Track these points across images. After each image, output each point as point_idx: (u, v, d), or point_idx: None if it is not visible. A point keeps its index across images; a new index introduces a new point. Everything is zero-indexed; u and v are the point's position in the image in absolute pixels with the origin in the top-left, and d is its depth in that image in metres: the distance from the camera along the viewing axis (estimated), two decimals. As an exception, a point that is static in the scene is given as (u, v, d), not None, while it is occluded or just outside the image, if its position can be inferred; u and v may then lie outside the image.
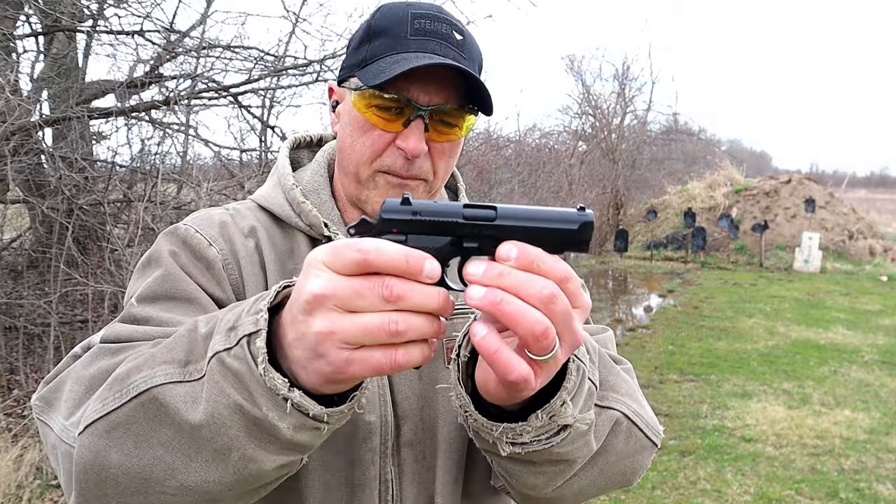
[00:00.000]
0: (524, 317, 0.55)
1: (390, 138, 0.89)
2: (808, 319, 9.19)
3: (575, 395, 0.69)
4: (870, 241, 15.12)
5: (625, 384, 0.87)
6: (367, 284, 0.55)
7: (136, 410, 0.66)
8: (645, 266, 14.61)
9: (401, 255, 0.55)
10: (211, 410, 0.63)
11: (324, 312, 0.56)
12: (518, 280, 0.56)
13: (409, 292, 0.55)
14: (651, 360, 7.07)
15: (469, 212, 0.59)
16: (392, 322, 0.55)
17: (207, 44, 5.59)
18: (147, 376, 0.67)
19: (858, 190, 48.75)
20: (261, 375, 0.60)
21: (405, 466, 0.91)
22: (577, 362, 0.70)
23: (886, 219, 24.05)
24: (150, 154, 5.83)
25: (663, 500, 4.06)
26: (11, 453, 3.75)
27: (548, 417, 0.68)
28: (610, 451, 0.83)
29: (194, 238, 0.91)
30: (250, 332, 0.62)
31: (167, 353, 0.68)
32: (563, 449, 0.72)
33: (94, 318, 5.14)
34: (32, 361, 4.98)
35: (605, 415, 0.82)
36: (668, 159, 21.03)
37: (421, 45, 0.86)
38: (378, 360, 0.56)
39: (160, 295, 0.84)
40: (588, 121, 19.34)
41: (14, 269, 5.57)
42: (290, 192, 0.96)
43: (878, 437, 5.05)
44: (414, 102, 0.86)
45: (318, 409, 0.61)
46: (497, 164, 11.16)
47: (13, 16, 5.36)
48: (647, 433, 0.88)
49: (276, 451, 0.64)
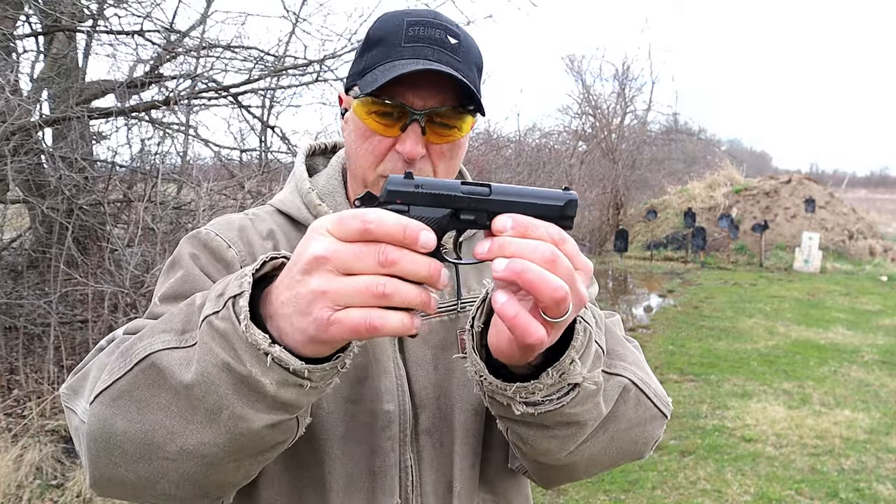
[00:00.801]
0: (546, 283, 0.60)
1: (390, 143, 0.93)
2: (808, 319, 9.19)
3: (583, 354, 0.73)
4: (870, 241, 15.12)
5: (631, 355, 0.91)
6: (366, 249, 0.59)
7: (137, 377, 0.72)
8: (645, 266, 14.61)
9: (399, 224, 0.59)
10: (201, 370, 0.67)
11: (322, 273, 0.60)
12: (521, 247, 0.61)
13: (401, 258, 0.59)
14: (651, 360, 7.04)
15: (466, 187, 0.64)
16: (380, 284, 0.59)
17: (207, 44, 5.59)
18: (147, 344, 0.72)
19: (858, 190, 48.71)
20: (243, 332, 0.64)
21: (424, 453, 0.95)
22: (584, 324, 0.73)
23: (886, 219, 24.05)
24: (150, 154, 5.84)
25: (663, 500, 4.06)
26: (11, 453, 3.75)
27: (558, 375, 0.72)
28: (620, 418, 0.86)
29: (214, 241, 0.96)
30: (235, 294, 0.66)
31: (166, 324, 0.74)
32: (574, 409, 0.76)
33: (94, 317, 5.14)
34: (32, 361, 4.98)
35: (613, 381, 0.85)
36: (668, 159, 21.01)
37: (414, 51, 0.90)
38: (355, 321, 0.59)
39: (180, 294, 0.89)
40: (588, 121, 19.35)
41: (14, 269, 5.57)
42: (307, 196, 1.01)
43: (878, 437, 5.05)
44: (408, 107, 0.90)
45: (297, 363, 0.64)
46: (497, 164, 11.16)
47: (13, 16, 5.36)
48: (656, 402, 0.92)
49: (263, 409, 0.67)
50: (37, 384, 4.68)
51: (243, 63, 5.69)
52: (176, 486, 0.75)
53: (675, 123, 21.70)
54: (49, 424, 4.27)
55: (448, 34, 0.92)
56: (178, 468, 0.73)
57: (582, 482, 4.20)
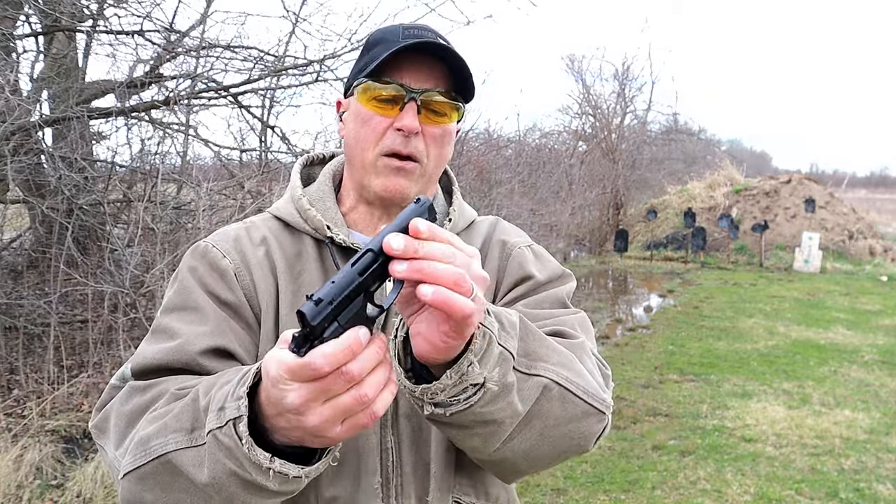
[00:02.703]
0: (443, 273, 0.69)
1: (389, 122, 1.02)
2: (808, 319, 9.19)
3: (482, 356, 0.79)
4: (870, 241, 15.12)
5: (557, 356, 0.93)
6: (330, 381, 0.66)
7: (157, 468, 0.84)
8: (645, 266, 14.61)
9: (345, 350, 0.66)
10: (212, 474, 0.79)
11: (310, 412, 0.68)
12: (432, 250, 0.70)
13: (362, 365, 0.67)
14: (651, 360, 7.07)
15: (359, 266, 0.69)
16: (363, 395, 0.68)
17: (207, 44, 5.59)
18: (162, 443, 0.84)
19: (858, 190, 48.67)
20: (246, 452, 0.75)
21: (403, 436, 1.02)
22: (483, 329, 0.79)
23: (886, 219, 24.05)
24: (150, 154, 5.84)
25: (663, 500, 4.06)
26: (11, 453, 3.75)
27: (457, 376, 0.78)
28: (545, 415, 0.90)
29: (211, 252, 1.07)
30: (234, 417, 0.76)
31: (176, 423, 0.85)
32: (486, 409, 0.82)
33: (94, 317, 5.14)
34: (32, 361, 4.98)
35: (532, 381, 0.88)
36: (668, 159, 21.01)
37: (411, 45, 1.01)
38: (362, 420, 0.70)
39: (177, 306, 1.02)
40: (588, 121, 19.36)
41: (14, 269, 5.57)
42: (299, 202, 1.10)
43: (878, 437, 5.05)
44: (406, 86, 1.00)
45: (297, 471, 0.76)
46: (497, 164, 11.16)
47: (13, 16, 5.36)
48: (586, 399, 0.93)
49: (269, 496, 0.80)
50: (37, 384, 4.68)
51: (243, 63, 5.70)
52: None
53: (675, 123, 21.72)
54: (49, 424, 4.27)
55: (440, 38, 1.03)
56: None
57: (582, 482, 4.20)
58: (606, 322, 9.17)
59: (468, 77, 1.03)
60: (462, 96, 1.05)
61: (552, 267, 1.16)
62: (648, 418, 5.37)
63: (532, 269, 1.12)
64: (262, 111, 6.25)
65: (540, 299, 1.09)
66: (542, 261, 1.16)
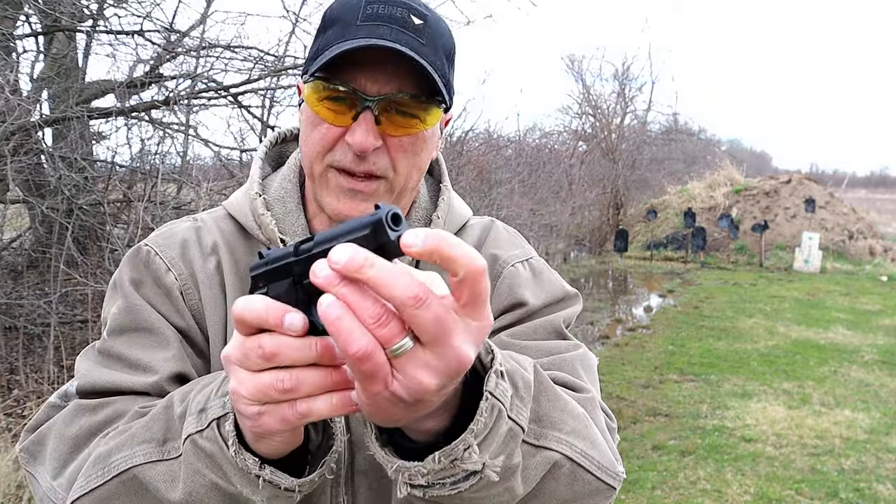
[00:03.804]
0: (357, 301, 0.49)
1: (340, 133, 0.83)
2: (808, 319, 9.19)
3: (485, 438, 0.61)
4: (870, 241, 15.12)
5: (573, 420, 0.74)
6: (248, 344, 0.55)
7: (118, 487, 0.71)
8: (645, 266, 14.61)
9: (262, 309, 0.54)
10: (189, 489, 0.67)
11: (233, 372, 0.57)
12: (376, 276, 0.49)
13: (280, 348, 0.54)
14: (651, 360, 7.07)
15: (301, 247, 0.56)
16: (279, 381, 0.55)
17: (207, 44, 5.59)
18: (127, 456, 0.71)
19: (858, 190, 48.73)
20: (232, 456, 0.63)
21: (359, 495, 0.89)
22: (493, 401, 0.61)
23: (886, 219, 24.05)
24: (150, 154, 5.83)
25: (663, 500, 4.06)
26: (11, 453, 3.75)
27: (448, 461, 0.60)
28: (547, 496, 0.73)
29: (154, 262, 0.91)
30: (219, 416, 0.64)
31: (145, 433, 0.72)
32: (476, 495, 0.64)
33: (94, 318, 5.14)
34: (32, 361, 4.98)
35: (541, 456, 0.70)
36: (668, 159, 21.02)
37: (370, 30, 0.80)
38: (284, 414, 0.56)
39: (125, 327, 0.87)
40: (588, 121, 19.36)
41: (14, 269, 5.57)
42: (253, 203, 0.93)
43: (878, 437, 5.05)
44: (360, 92, 0.81)
45: (289, 482, 0.63)
46: (497, 164, 11.15)
47: (13, 16, 5.36)
48: (599, 475, 0.76)
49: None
50: (37, 384, 4.69)
51: (243, 63, 5.69)
52: None
53: (675, 123, 21.74)
54: (49, 424, 4.27)
55: (412, 13, 0.82)
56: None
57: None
58: (606, 322, 9.17)
59: (443, 74, 0.83)
60: (440, 95, 0.83)
61: (552, 288, 0.97)
62: (648, 418, 5.37)
63: (525, 292, 0.94)
64: (262, 111, 6.24)
65: (533, 327, 0.92)
66: (540, 280, 0.97)
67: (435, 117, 0.85)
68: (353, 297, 0.49)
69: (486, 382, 0.61)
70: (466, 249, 0.49)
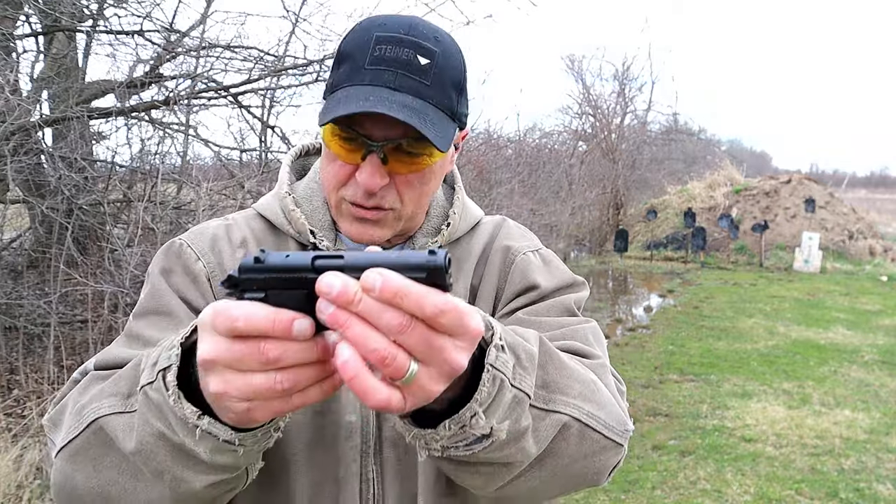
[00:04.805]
0: (365, 341, 0.53)
1: (351, 170, 0.91)
2: (808, 319, 9.19)
3: (490, 406, 0.68)
4: (870, 241, 15.12)
5: (579, 385, 0.82)
6: (246, 350, 0.56)
7: (89, 438, 0.77)
8: (645, 266, 14.61)
9: (268, 320, 0.55)
10: (140, 438, 0.71)
11: (217, 374, 0.58)
12: (367, 310, 0.53)
13: (284, 354, 0.56)
14: (651, 360, 7.07)
15: (318, 262, 0.57)
16: (278, 382, 0.57)
17: (207, 44, 5.59)
18: (96, 407, 0.77)
19: (858, 190, 48.70)
20: (171, 405, 0.66)
21: (387, 465, 0.94)
22: (494, 372, 0.67)
23: (886, 219, 24.05)
24: (150, 154, 5.84)
25: (663, 500, 4.06)
26: (11, 453, 3.75)
27: (458, 428, 0.67)
28: (560, 455, 0.81)
29: (185, 253, 0.98)
30: (164, 367, 0.68)
31: (114, 387, 0.77)
32: (491, 455, 0.72)
33: (94, 318, 5.14)
34: (32, 361, 4.98)
35: (550, 419, 0.78)
36: (668, 159, 21.02)
37: (374, 76, 0.85)
38: (276, 408, 0.59)
39: (148, 310, 0.94)
40: (588, 121, 19.35)
41: (14, 269, 5.57)
42: (283, 200, 1.01)
43: (878, 437, 5.05)
44: (366, 139, 0.87)
45: (227, 434, 0.66)
46: (497, 164, 11.15)
47: (13, 16, 5.36)
48: (606, 433, 0.84)
49: (202, 471, 0.70)
50: (37, 384, 4.68)
51: (243, 63, 5.69)
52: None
53: (675, 123, 21.72)
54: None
55: (419, 54, 0.85)
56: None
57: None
58: (606, 322, 9.17)
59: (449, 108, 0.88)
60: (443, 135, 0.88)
61: (561, 274, 1.05)
62: (648, 418, 5.37)
63: (537, 276, 1.02)
64: (262, 111, 6.25)
65: (547, 307, 0.99)
66: (550, 268, 1.06)
67: (441, 152, 0.88)
68: (361, 339, 0.53)
69: (487, 356, 0.68)
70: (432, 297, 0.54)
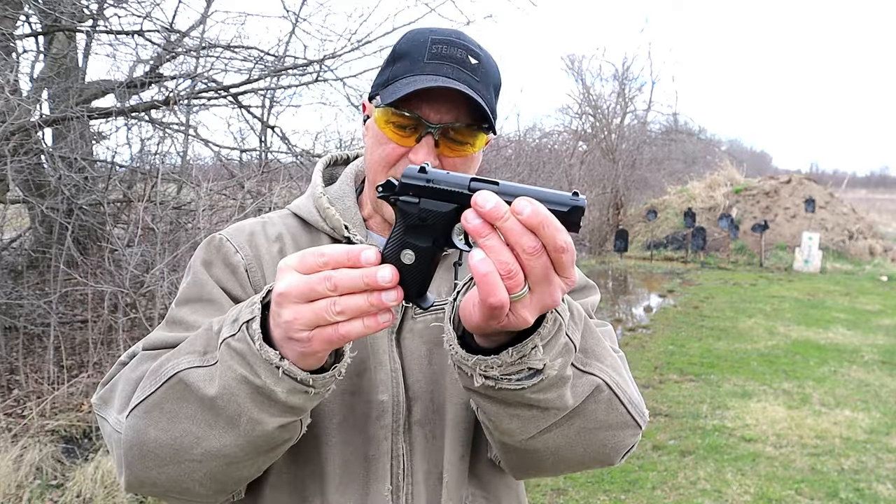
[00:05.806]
0: (499, 253, 0.65)
1: (403, 152, 0.99)
2: (808, 319, 9.19)
3: (548, 343, 0.76)
4: (870, 241, 15.12)
5: (611, 358, 0.91)
6: (314, 280, 0.69)
7: (167, 392, 0.84)
8: (645, 266, 14.61)
9: (342, 253, 0.69)
10: (223, 384, 0.79)
11: (289, 305, 0.70)
12: (510, 228, 0.64)
13: (345, 280, 0.68)
14: (651, 360, 7.07)
15: (475, 184, 0.67)
16: (333, 303, 0.69)
17: (207, 44, 5.59)
18: (175, 364, 0.84)
19: (858, 190, 48.71)
20: (258, 350, 0.75)
21: (416, 443, 1.01)
22: (556, 315, 0.76)
23: (886, 219, 24.05)
24: (150, 154, 5.84)
25: (663, 500, 4.06)
26: (11, 453, 3.75)
27: (518, 356, 0.75)
28: (588, 416, 0.89)
29: (224, 246, 1.06)
30: (248, 319, 0.78)
31: (189, 346, 0.85)
32: (536, 395, 0.80)
33: (94, 317, 5.14)
34: (32, 361, 4.98)
35: (586, 378, 0.87)
36: (668, 159, 21.03)
37: (435, 68, 0.96)
38: (329, 335, 0.70)
39: (191, 298, 1.02)
40: (588, 121, 19.37)
41: (14, 269, 5.56)
42: (318, 200, 1.09)
43: (878, 437, 5.05)
44: (424, 120, 0.96)
45: (303, 374, 0.76)
46: (497, 164, 11.16)
47: (13, 16, 5.36)
48: (630, 409, 0.93)
49: (276, 412, 0.79)
50: (37, 384, 4.68)
51: (243, 63, 5.70)
52: (200, 484, 0.87)
53: (675, 123, 21.73)
54: (49, 424, 4.27)
55: (469, 54, 0.98)
56: (204, 468, 0.85)
57: (582, 482, 4.20)
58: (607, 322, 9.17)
59: (492, 107, 1.00)
60: (488, 123, 0.99)
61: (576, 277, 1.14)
62: (648, 418, 5.37)
63: None
64: (262, 111, 6.25)
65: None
66: None
67: (482, 142, 1.01)
68: (496, 250, 0.64)
69: None
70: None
